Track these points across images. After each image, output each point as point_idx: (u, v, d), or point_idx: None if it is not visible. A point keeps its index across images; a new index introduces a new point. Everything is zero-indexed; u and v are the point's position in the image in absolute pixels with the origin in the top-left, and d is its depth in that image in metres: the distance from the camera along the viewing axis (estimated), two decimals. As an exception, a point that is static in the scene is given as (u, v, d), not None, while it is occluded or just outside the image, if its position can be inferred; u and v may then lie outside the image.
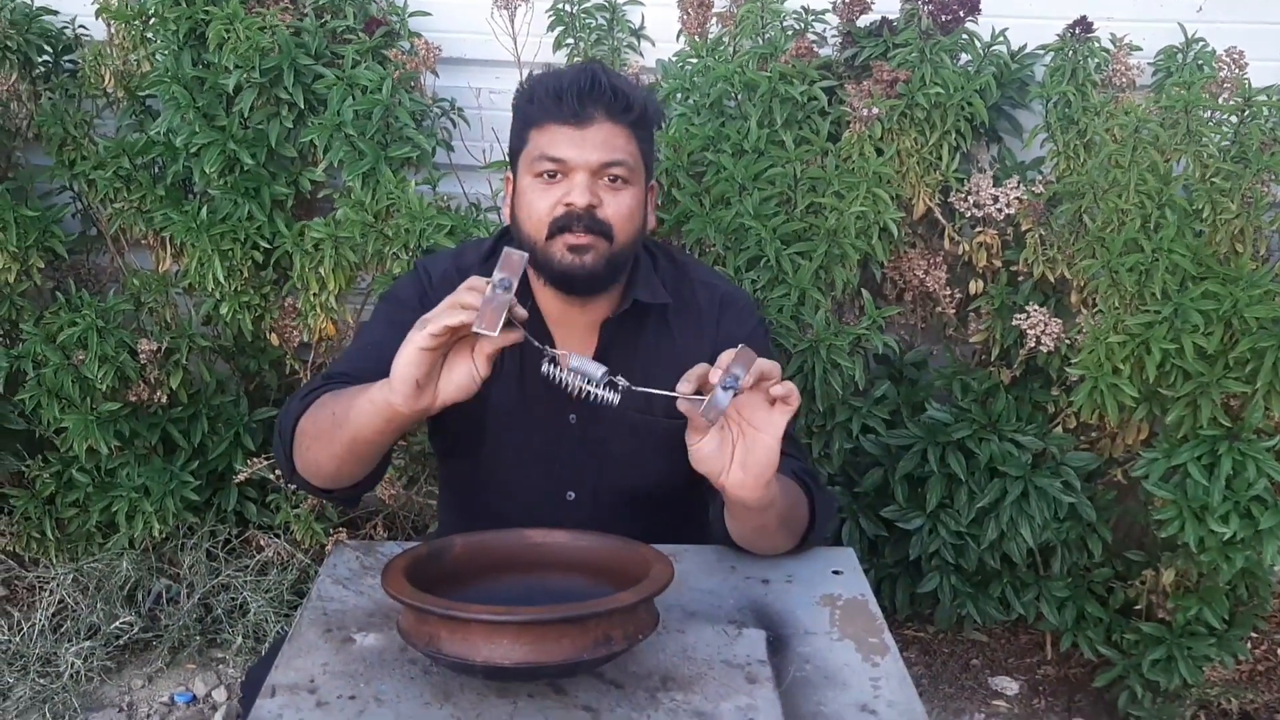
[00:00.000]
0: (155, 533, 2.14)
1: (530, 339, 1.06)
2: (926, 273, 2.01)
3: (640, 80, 2.07)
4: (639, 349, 1.37)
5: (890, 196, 1.87)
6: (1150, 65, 2.04)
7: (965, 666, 2.29)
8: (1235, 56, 1.88)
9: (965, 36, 1.98)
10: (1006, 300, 2.01)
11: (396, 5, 2.08)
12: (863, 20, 2.04)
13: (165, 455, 2.18)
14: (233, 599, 2.20)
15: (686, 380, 1.03)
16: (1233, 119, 1.82)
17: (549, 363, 1.07)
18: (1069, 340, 1.91)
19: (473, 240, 1.60)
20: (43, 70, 2.15)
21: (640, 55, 2.16)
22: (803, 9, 2.04)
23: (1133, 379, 1.78)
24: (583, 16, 2.10)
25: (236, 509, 2.24)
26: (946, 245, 2.03)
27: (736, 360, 1.01)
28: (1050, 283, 1.98)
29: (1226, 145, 1.82)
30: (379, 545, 1.29)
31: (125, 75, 2.07)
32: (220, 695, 2.13)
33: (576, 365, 1.06)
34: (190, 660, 2.19)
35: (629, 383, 1.07)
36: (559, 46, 2.12)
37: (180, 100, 1.96)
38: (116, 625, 2.14)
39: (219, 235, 2.00)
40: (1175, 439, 1.81)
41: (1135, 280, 1.77)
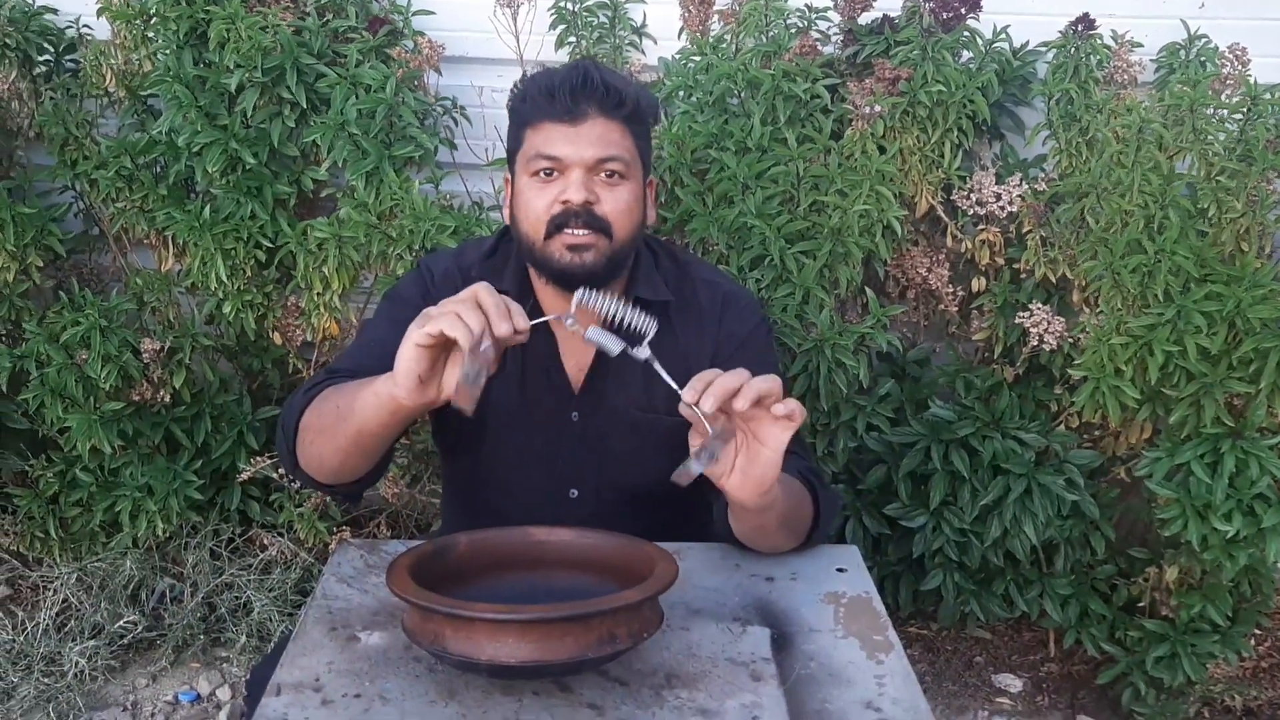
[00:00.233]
0: (159, 532, 2.14)
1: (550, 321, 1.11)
2: (929, 270, 2.01)
3: (640, 78, 2.08)
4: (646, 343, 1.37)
5: (893, 194, 1.87)
6: (1153, 62, 2.04)
7: (969, 664, 2.29)
8: (1238, 53, 1.88)
9: (967, 34, 1.97)
10: (1009, 298, 2.01)
11: (399, 4, 2.08)
12: (864, 18, 2.04)
13: (169, 454, 2.18)
14: (236, 598, 2.20)
15: (692, 387, 1.01)
16: (1237, 116, 1.82)
17: (571, 318, 1.09)
18: (1072, 339, 1.91)
19: (474, 239, 1.60)
20: (44, 70, 2.15)
21: (642, 53, 2.16)
22: (805, 7, 2.04)
23: (1135, 380, 1.78)
24: (584, 15, 2.10)
25: (240, 508, 2.24)
26: (949, 243, 2.03)
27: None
28: (1053, 281, 1.97)
29: (1232, 144, 1.81)
30: (383, 544, 1.29)
31: (127, 75, 2.07)
32: (224, 694, 2.13)
33: (592, 336, 1.07)
34: (194, 659, 2.20)
35: (651, 354, 1.07)
36: (561, 45, 2.12)
37: (182, 100, 1.96)
38: (120, 624, 2.15)
39: (221, 234, 2.00)
40: (1178, 438, 1.81)
41: (1138, 281, 1.77)
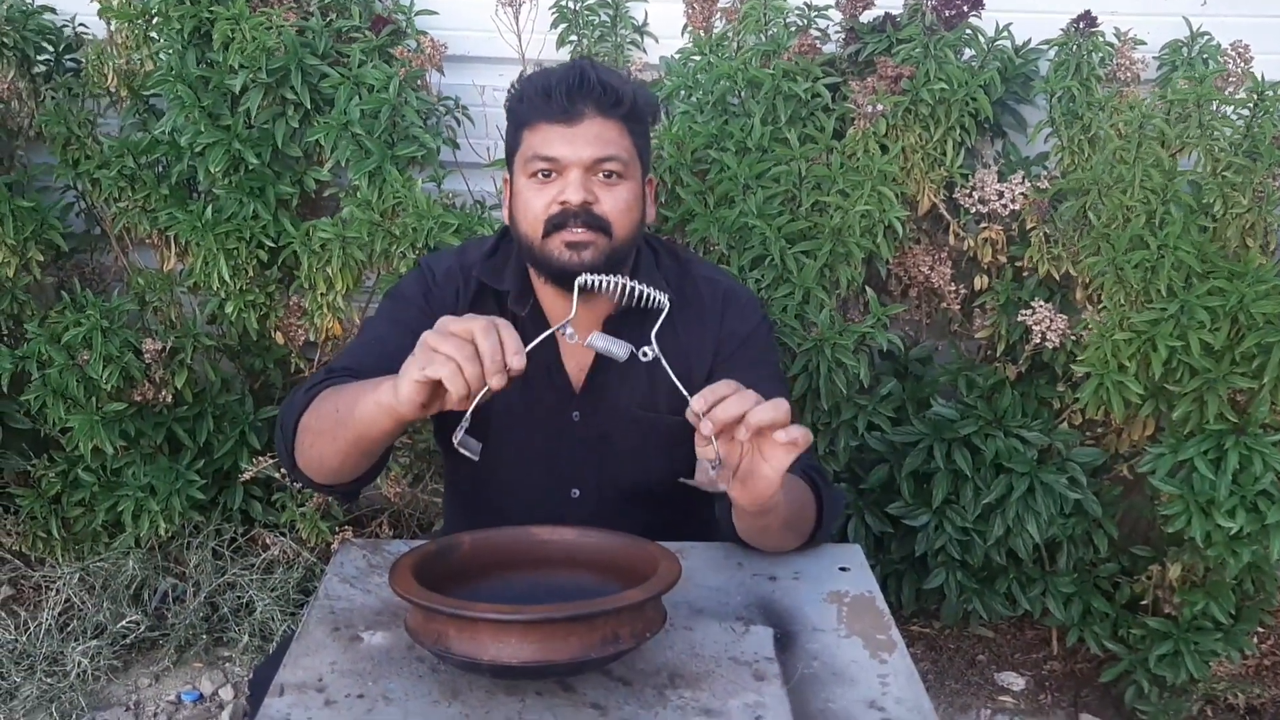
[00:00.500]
0: (161, 532, 2.14)
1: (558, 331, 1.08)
2: (931, 269, 2.01)
3: (641, 77, 2.07)
4: (641, 344, 1.36)
5: (895, 195, 1.87)
6: (1155, 59, 2.03)
7: (971, 662, 2.29)
8: (1241, 50, 1.87)
9: (969, 32, 1.97)
10: (1012, 296, 2.01)
11: (402, 4, 2.08)
12: (866, 16, 2.03)
13: (171, 454, 2.18)
14: (239, 598, 2.20)
15: (702, 397, 1.00)
16: (1243, 112, 1.81)
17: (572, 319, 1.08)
18: (1075, 336, 1.91)
19: (476, 239, 1.60)
20: (44, 69, 2.15)
21: (644, 52, 2.16)
22: (805, 5, 2.04)
23: (1138, 376, 1.78)
24: (586, 14, 2.10)
25: (242, 508, 2.24)
26: (951, 241, 2.03)
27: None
28: (1055, 279, 1.97)
29: (1238, 140, 1.81)
30: (385, 543, 1.29)
31: (129, 74, 2.07)
32: (227, 694, 2.13)
33: (596, 343, 1.05)
34: (197, 659, 2.20)
35: (658, 352, 1.06)
36: (562, 43, 2.12)
37: (185, 99, 1.96)
38: (123, 624, 2.15)
39: (224, 234, 2.00)
40: (1181, 434, 1.80)
41: (1141, 277, 1.76)
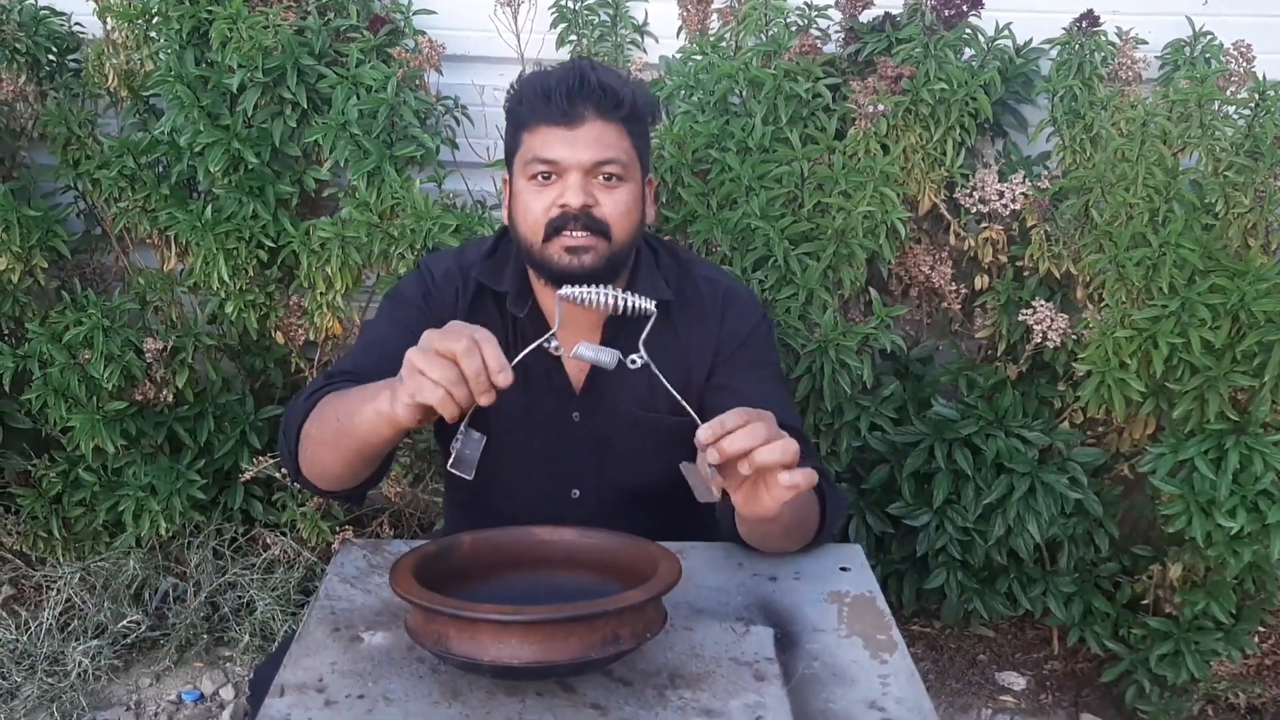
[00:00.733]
0: (162, 531, 2.14)
1: (544, 344, 1.05)
2: (932, 268, 2.01)
3: (641, 76, 2.07)
4: (642, 345, 1.36)
5: (897, 195, 1.87)
6: (1157, 59, 2.03)
7: (972, 662, 2.29)
8: (1243, 50, 1.87)
9: (969, 31, 1.97)
10: (1012, 295, 2.01)
11: (400, 3, 2.08)
12: (866, 16, 2.03)
13: (171, 454, 2.18)
14: (239, 597, 2.20)
15: (710, 428, 0.98)
16: (1245, 111, 1.81)
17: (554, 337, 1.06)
18: (1075, 336, 1.91)
19: (475, 239, 1.60)
20: (47, 70, 2.15)
21: (644, 52, 2.15)
22: (805, 5, 2.03)
23: (1140, 374, 1.78)
24: (585, 13, 2.10)
25: (243, 507, 2.24)
26: (952, 241, 2.03)
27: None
28: (1056, 278, 1.97)
29: (1240, 140, 1.80)
30: (386, 543, 1.29)
31: (128, 74, 2.07)
32: (228, 693, 2.13)
33: (584, 353, 1.04)
34: (198, 658, 2.20)
35: (647, 358, 1.05)
36: (562, 43, 2.12)
37: (184, 99, 1.95)
38: (124, 624, 2.15)
39: (224, 234, 2.00)
40: (1182, 433, 1.80)
41: (1142, 275, 1.76)
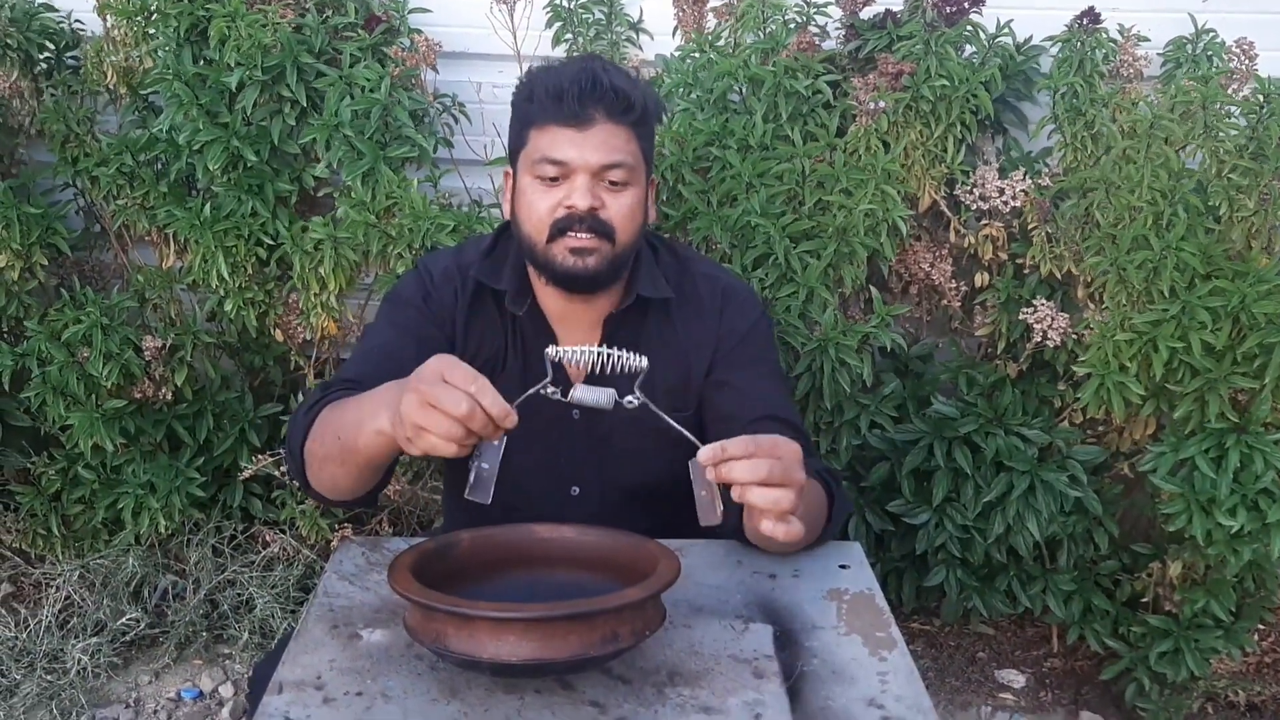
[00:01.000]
0: (161, 529, 2.14)
1: (543, 389, 1.03)
2: (932, 266, 2.00)
3: (641, 73, 2.07)
4: (642, 342, 1.37)
5: (898, 193, 1.87)
6: (1159, 56, 2.02)
7: (972, 659, 2.29)
8: (1245, 47, 1.87)
9: (970, 28, 1.96)
10: (1013, 293, 2.00)
11: (396, 1, 2.08)
12: (866, 12, 2.03)
13: (171, 452, 2.18)
14: (239, 595, 2.20)
15: (711, 451, 0.97)
16: (1251, 115, 1.78)
17: (551, 386, 1.03)
18: (1076, 335, 1.90)
19: (474, 237, 1.60)
20: (44, 67, 2.15)
21: (639, 49, 2.15)
22: (804, 2, 2.03)
23: (1140, 377, 1.77)
24: (581, 11, 2.09)
25: (242, 505, 2.24)
26: (952, 238, 2.02)
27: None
28: (1057, 277, 1.97)
29: (1244, 142, 1.79)
30: (385, 541, 1.29)
31: (127, 72, 2.06)
32: (227, 691, 2.13)
33: (582, 397, 1.02)
34: (197, 656, 2.20)
35: (644, 398, 1.04)
36: (558, 41, 2.11)
37: (183, 97, 1.95)
38: (123, 621, 2.15)
39: (222, 232, 1.99)
40: (1182, 433, 1.80)
41: (1143, 278, 1.76)
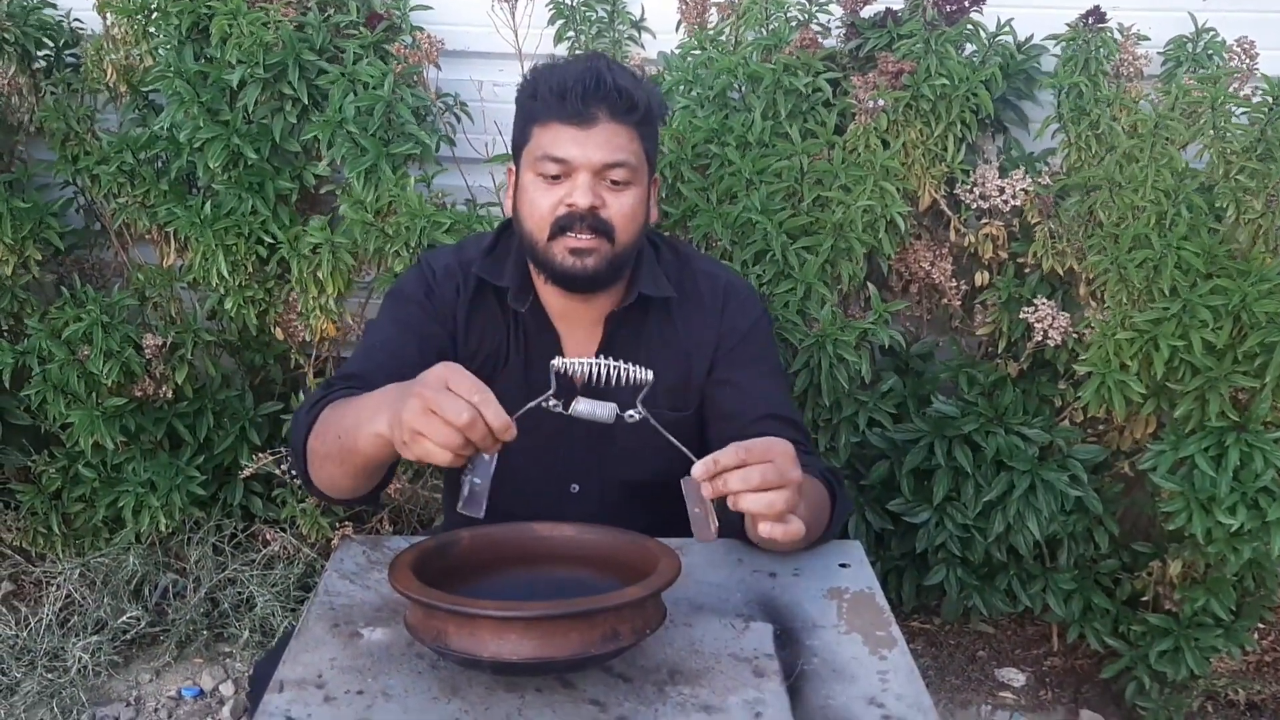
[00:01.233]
0: (162, 527, 2.14)
1: (542, 402, 1.02)
2: (932, 264, 2.00)
3: (643, 72, 2.07)
4: (643, 340, 1.37)
5: (897, 190, 1.87)
6: (1159, 55, 2.02)
7: (972, 658, 2.29)
8: (1246, 46, 1.86)
9: (970, 27, 1.96)
10: (1013, 292, 2.00)
11: (399, -1, 2.08)
12: (867, 11, 2.03)
13: (171, 450, 2.18)
14: (239, 593, 2.20)
15: (705, 466, 0.99)
16: (1259, 116, 1.77)
17: (555, 400, 1.03)
18: (1077, 334, 1.90)
19: (475, 235, 1.60)
20: (44, 65, 2.14)
21: (641, 47, 2.15)
22: (806, 0, 2.03)
23: (1140, 375, 1.77)
24: (583, 9, 2.09)
25: (242, 503, 2.24)
26: (952, 237, 2.02)
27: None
28: (1059, 275, 1.96)
29: (1252, 144, 1.77)
30: (385, 539, 1.29)
31: (127, 70, 2.06)
32: (227, 689, 2.14)
33: (583, 411, 1.01)
34: (197, 654, 2.20)
35: (645, 413, 1.04)
36: (560, 39, 2.11)
37: (184, 95, 1.95)
38: (124, 620, 2.15)
39: (223, 230, 1.99)
40: (1183, 431, 1.80)
41: (1143, 277, 1.76)
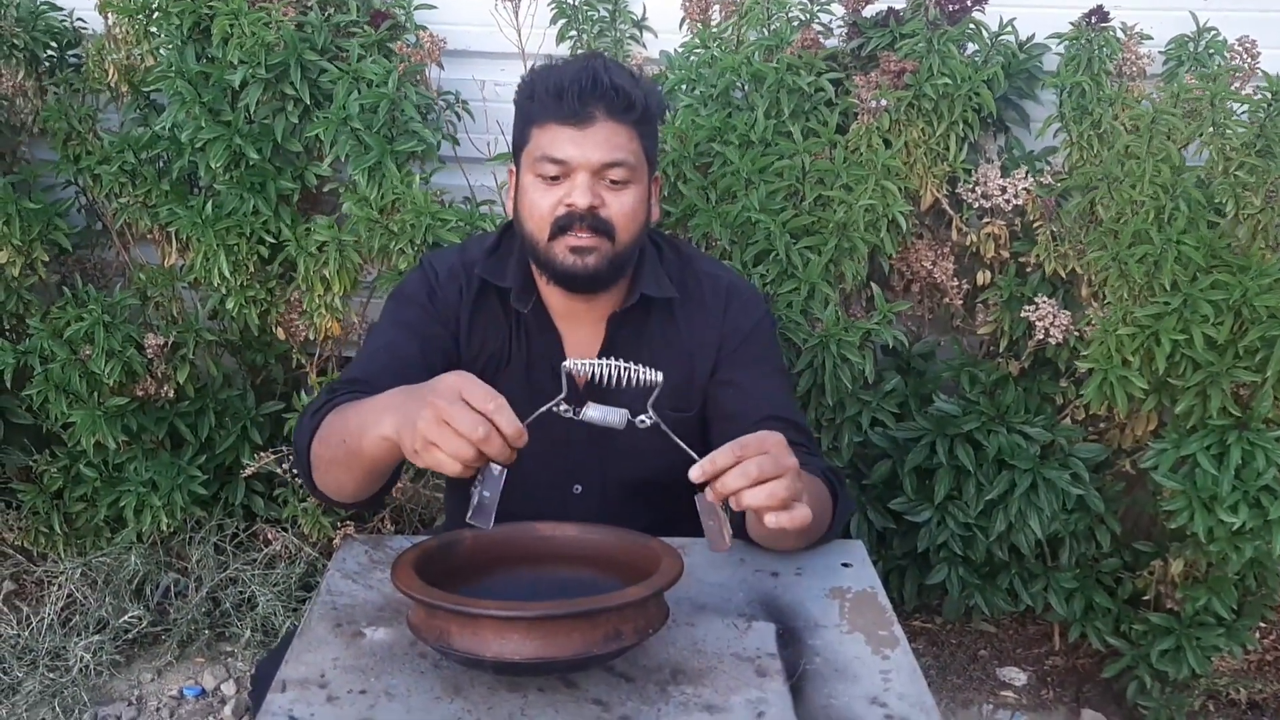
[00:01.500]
0: (163, 526, 2.14)
1: (553, 405, 1.02)
2: (934, 264, 2.00)
3: (644, 71, 2.06)
4: (645, 341, 1.37)
5: (899, 189, 1.87)
6: (1161, 54, 2.02)
7: (973, 657, 2.29)
8: (1247, 46, 1.86)
9: (973, 26, 1.96)
10: (1015, 291, 2.00)
11: (401, -2, 2.08)
12: (869, 10, 2.03)
13: (173, 449, 2.18)
14: (241, 592, 2.20)
15: (701, 468, 0.99)
16: (1258, 114, 1.78)
17: (568, 405, 1.02)
18: (1078, 332, 1.90)
19: (477, 235, 1.60)
20: (47, 65, 2.14)
21: (643, 47, 2.15)
22: (807, -1, 2.03)
23: (1142, 371, 1.77)
24: (585, 8, 2.09)
25: (244, 503, 2.25)
26: (954, 236, 2.02)
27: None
28: (1061, 275, 1.96)
29: (1251, 140, 1.78)
30: (387, 539, 1.29)
31: (129, 70, 2.06)
32: (229, 689, 2.14)
33: (594, 416, 1.01)
34: (199, 654, 2.20)
35: (656, 417, 1.04)
36: (562, 39, 2.11)
37: (185, 95, 1.95)
38: (125, 619, 2.15)
39: (225, 230, 1.99)
40: (1184, 429, 1.80)
41: (1144, 272, 1.76)
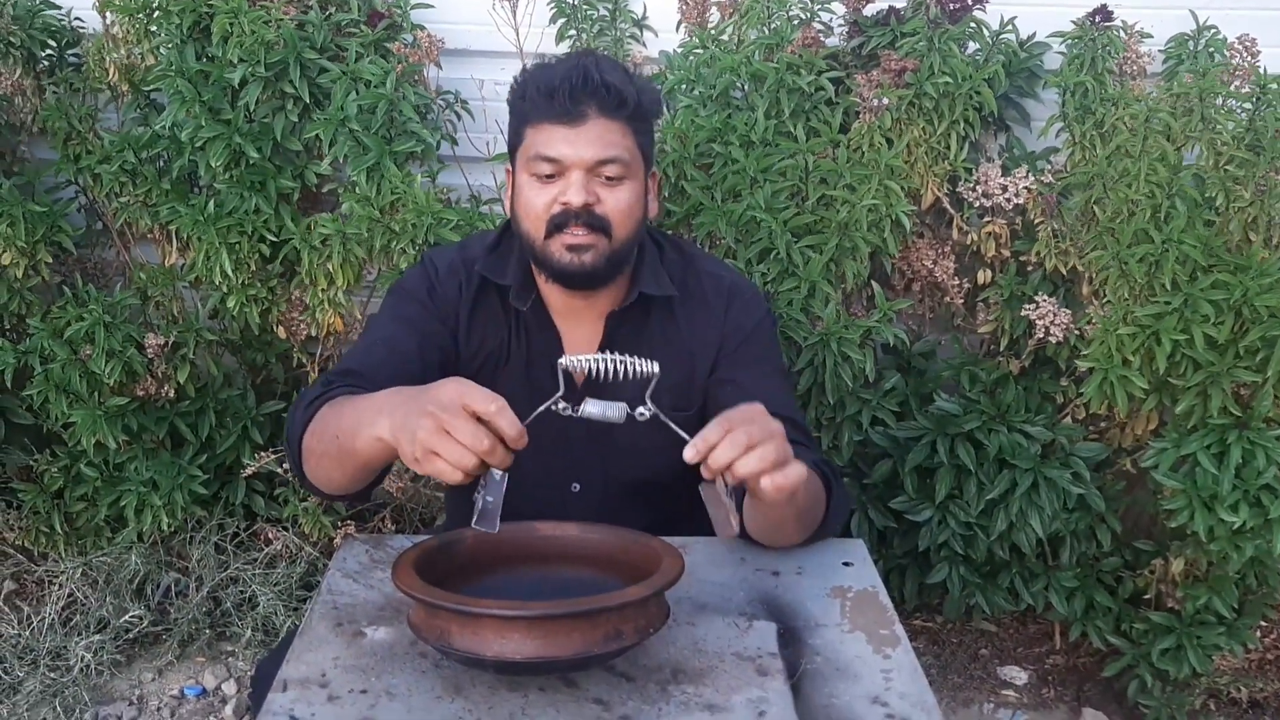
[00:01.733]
0: (164, 526, 2.14)
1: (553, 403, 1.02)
2: (935, 263, 2.00)
3: (642, 70, 2.06)
4: (645, 339, 1.37)
5: (901, 189, 1.86)
6: (1161, 53, 2.02)
7: (974, 656, 2.29)
8: (1247, 44, 1.86)
9: (973, 25, 1.96)
10: (1015, 290, 2.00)
11: (400, -3, 2.07)
12: (869, 9, 2.03)
13: (173, 449, 2.18)
14: (241, 592, 2.20)
15: (694, 447, 0.99)
16: (1247, 106, 1.80)
17: (565, 403, 1.02)
18: (1078, 331, 1.90)
19: (479, 233, 1.60)
20: (46, 64, 2.14)
21: (643, 46, 2.15)
22: (808, -2, 2.03)
23: (1142, 371, 1.77)
24: (584, 7, 2.09)
25: (244, 502, 2.24)
26: (955, 235, 2.02)
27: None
28: (1062, 274, 1.96)
29: (1240, 134, 1.80)
30: (388, 538, 1.29)
31: (129, 69, 2.06)
32: (230, 688, 2.14)
33: (593, 412, 1.01)
34: (200, 653, 2.20)
35: (655, 409, 1.04)
36: (562, 38, 2.11)
37: (185, 94, 1.95)
38: (126, 619, 2.15)
39: (225, 229, 1.99)
40: (1185, 428, 1.80)
41: (1145, 271, 1.76)
